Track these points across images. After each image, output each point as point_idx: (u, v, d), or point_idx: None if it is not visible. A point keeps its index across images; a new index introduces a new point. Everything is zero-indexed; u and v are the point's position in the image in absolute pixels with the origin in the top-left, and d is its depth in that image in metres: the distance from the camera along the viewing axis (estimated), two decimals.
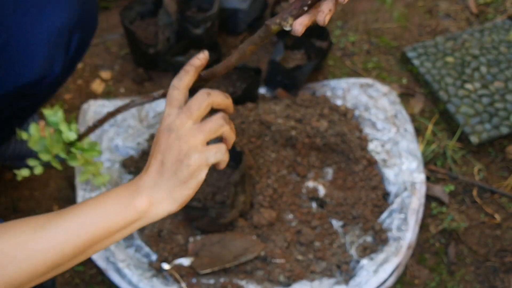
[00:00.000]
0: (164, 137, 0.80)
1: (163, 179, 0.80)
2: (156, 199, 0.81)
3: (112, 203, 0.81)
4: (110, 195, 0.82)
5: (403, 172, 1.57)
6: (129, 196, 0.80)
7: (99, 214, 0.80)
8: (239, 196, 1.39)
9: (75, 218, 0.79)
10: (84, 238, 0.79)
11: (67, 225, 0.79)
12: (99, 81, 1.78)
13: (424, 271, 1.47)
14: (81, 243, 0.79)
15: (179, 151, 0.79)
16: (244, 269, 1.41)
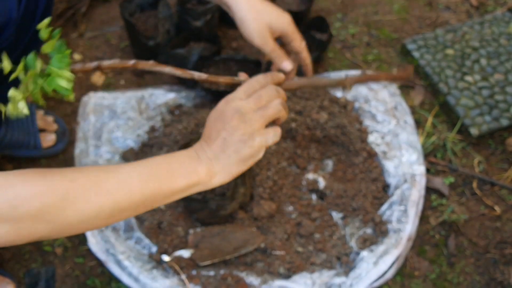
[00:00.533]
0: (231, 116, 0.91)
1: (224, 155, 0.91)
2: (215, 171, 0.92)
3: (177, 166, 0.90)
4: (172, 159, 0.90)
5: (403, 164, 1.57)
6: (192, 163, 0.90)
7: (166, 173, 0.88)
8: (239, 188, 1.39)
9: (146, 170, 0.87)
10: (152, 189, 0.86)
11: (138, 173, 0.85)
12: (99, 73, 1.77)
13: (424, 263, 1.47)
14: (148, 192, 0.86)
15: (244, 132, 0.91)
16: (244, 261, 1.41)
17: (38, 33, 1.24)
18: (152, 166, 0.88)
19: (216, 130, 0.92)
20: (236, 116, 0.91)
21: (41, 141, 1.54)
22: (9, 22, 1.12)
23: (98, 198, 0.81)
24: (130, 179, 0.84)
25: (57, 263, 1.42)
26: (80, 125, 1.59)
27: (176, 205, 1.47)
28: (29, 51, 1.26)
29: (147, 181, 0.86)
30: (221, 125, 0.91)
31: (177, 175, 0.89)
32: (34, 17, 1.21)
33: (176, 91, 1.71)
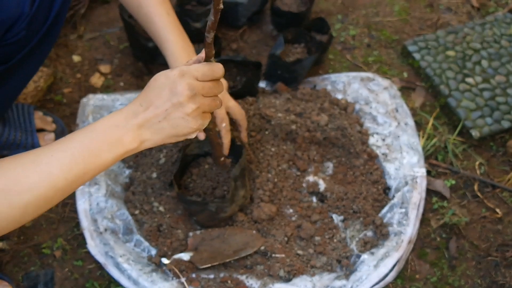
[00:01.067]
0: (182, 92, 0.87)
1: (159, 126, 0.88)
2: (143, 138, 0.89)
3: (100, 142, 0.86)
4: (94, 134, 0.86)
5: (404, 166, 1.57)
6: (117, 133, 0.87)
7: (88, 153, 0.85)
8: (239, 191, 1.38)
9: (66, 154, 0.83)
10: (76, 173, 0.84)
11: (58, 162, 0.82)
12: (98, 75, 1.77)
13: (425, 266, 1.46)
14: (72, 177, 0.83)
15: (189, 113, 0.89)
16: (244, 264, 1.41)
17: (53, 28, 1.24)
18: (72, 149, 0.84)
19: (160, 98, 0.88)
20: (187, 93, 0.87)
21: (40, 140, 1.53)
22: (21, 16, 1.12)
23: (21, 197, 0.80)
24: (51, 169, 0.82)
25: (56, 266, 1.41)
26: (79, 127, 1.58)
27: (175, 208, 1.47)
28: (42, 47, 1.26)
29: (70, 167, 0.83)
30: (168, 96, 0.87)
31: (101, 151, 0.86)
32: (50, 12, 1.21)
33: None
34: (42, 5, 1.16)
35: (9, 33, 1.13)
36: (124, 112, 0.89)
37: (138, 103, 0.89)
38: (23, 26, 1.13)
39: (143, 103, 0.89)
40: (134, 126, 0.88)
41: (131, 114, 0.88)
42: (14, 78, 1.29)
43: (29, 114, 1.53)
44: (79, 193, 1.46)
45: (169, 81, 0.88)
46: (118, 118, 0.88)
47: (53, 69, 1.74)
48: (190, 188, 1.47)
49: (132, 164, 1.55)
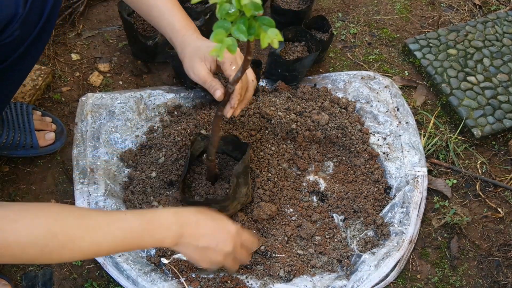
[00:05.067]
0: (224, 244, 1.11)
1: (192, 248, 1.08)
2: (180, 248, 1.07)
3: (149, 234, 1.01)
4: (150, 226, 1.01)
5: (405, 165, 1.56)
6: (165, 235, 1.03)
7: (137, 239, 0.99)
8: (241, 188, 1.37)
9: (120, 234, 0.97)
10: (118, 251, 1.06)
11: (112, 238, 0.96)
12: (97, 73, 1.76)
13: (426, 265, 1.45)
14: (113, 252, 1.08)
15: (217, 257, 1.12)
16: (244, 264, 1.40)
17: (46, 27, 1.24)
18: (127, 231, 0.98)
19: (212, 238, 1.10)
20: (229, 250, 1.12)
21: (40, 139, 1.52)
22: (15, 17, 1.12)
23: (70, 254, 0.95)
24: (103, 242, 0.96)
25: (54, 266, 1.40)
26: (78, 126, 1.57)
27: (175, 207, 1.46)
28: (35, 47, 1.26)
29: (117, 246, 0.98)
30: (217, 241, 1.10)
31: (146, 242, 1.01)
32: (42, 11, 1.21)
33: (175, 91, 1.69)
34: (34, 4, 1.16)
35: (3, 34, 1.13)
36: (181, 221, 1.05)
37: (192, 227, 1.06)
38: (17, 26, 1.13)
39: (200, 228, 1.07)
40: (180, 238, 1.04)
41: (185, 228, 1.05)
42: (9, 78, 1.29)
43: (28, 114, 1.52)
44: (78, 193, 1.45)
45: (226, 231, 1.12)
46: (173, 225, 1.04)
47: (52, 68, 1.73)
48: (192, 187, 1.46)
49: (131, 163, 1.54)
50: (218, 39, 0.78)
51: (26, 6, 1.14)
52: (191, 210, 1.09)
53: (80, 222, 0.94)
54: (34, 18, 1.19)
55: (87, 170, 1.49)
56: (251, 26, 0.80)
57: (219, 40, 0.78)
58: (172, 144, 1.53)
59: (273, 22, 0.80)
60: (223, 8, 0.78)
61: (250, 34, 0.80)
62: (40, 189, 1.51)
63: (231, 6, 0.78)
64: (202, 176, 1.47)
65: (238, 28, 0.79)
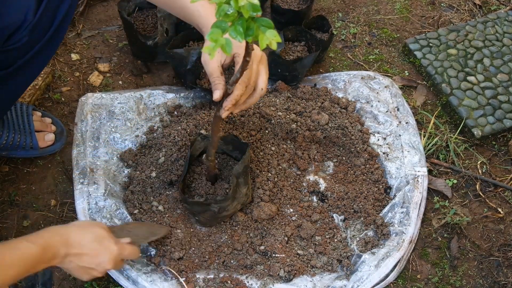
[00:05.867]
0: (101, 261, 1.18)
1: (77, 265, 1.16)
2: (64, 266, 1.16)
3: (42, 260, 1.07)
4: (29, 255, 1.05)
5: (405, 165, 1.56)
6: (50, 262, 1.09)
7: (34, 265, 1.06)
8: (241, 188, 1.37)
9: (17, 265, 1.03)
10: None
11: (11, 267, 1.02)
12: (97, 73, 1.75)
13: (426, 265, 1.45)
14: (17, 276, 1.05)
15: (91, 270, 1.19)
16: (244, 264, 1.40)
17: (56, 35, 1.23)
18: (28, 260, 1.04)
19: (92, 256, 1.17)
20: (107, 267, 1.20)
21: (40, 140, 1.52)
22: (24, 23, 1.11)
23: None
24: (9, 273, 1.02)
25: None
26: (77, 126, 1.57)
27: (175, 207, 1.46)
28: (43, 54, 1.25)
29: (19, 273, 1.04)
30: (96, 260, 1.18)
31: (40, 267, 1.08)
32: (53, 20, 1.21)
33: (175, 91, 1.69)
34: (46, 12, 1.16)
35: (11, 40, 1.12)
36: (67, 243, 1.12)
37: (79, 246, 1.14)
38: (26, 33, 1.13)
39: (84, 249, 1.15)
40: (65, 258, 1.12)
41: (70, 249, 1.12)
42: (15, 82, 1.28)
43: (28, 115, 1.52)
44: (77, 193, 1.45)
45: (109, 252, 1.19)
46: (61, 244, 1.12)
47: (52, 68, 1.73)
48: (192, 187, 1.46)
49: (131, 163, 1.54)
50: (213, 38, 0.78)
51: (37, 14, 1.13)
52: (76, 231, 1.17)
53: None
54: (44, 26, 1.19)
55: (87, 170, 1.48)
56: (249, 27, 0.79)
57: (214, 39, 0.78)
58: (172, 144, 1.53)
59: (272, 24, 0.80)
60: (222, 9, 0.78)
61: (249, 36, 0.80)
62: (40, 189, 1.51)
63: (230, 7, 0.78)
64: (202, 176, 1.47)
65: (235, 29, 0.79)
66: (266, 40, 0.78)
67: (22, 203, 1.49)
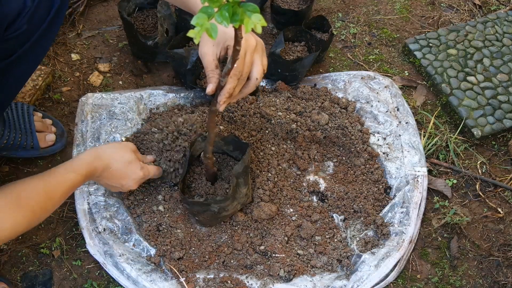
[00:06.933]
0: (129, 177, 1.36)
1: (105, 183, 1.36)
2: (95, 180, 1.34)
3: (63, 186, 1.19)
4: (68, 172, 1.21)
5: (405, 165, 1.56)
6: (84, 177, 1.23)
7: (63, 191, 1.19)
8: (241, 188, 1.37)
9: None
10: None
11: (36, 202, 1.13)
12: (97, 73, 1.75)
13: (426, 265, 1.45)
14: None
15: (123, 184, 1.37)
16: (244, 264, 1.40)
17: (54, 23, 1.24)
18: (69, 186, 1.20)
19: (118, 178, 1.34)
20: (131, 188, 1.38)
21: (40, 140, 1.52)
22: (23, 10, 1.12)
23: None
24: (58, 197, 1.18)
25: (54, 266, 1.40)
26: (78, 126, 1.57)
27: (175, 208, 1.46)
28: (41, 43, 1.25)
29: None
30: (121, 180, 1.34)
31: (77, 185, 1.24)
32: (51, 7, 1.21)
33: (175, 91, 1.69)
34: (43, 0, 1.16)
35: (11, 28, 1.12)
36: (87, 167, 1.25)
37: (108, 168, 1.30)
38: (24, 21, 1.13)
39: (112, 172, 1.31)
40: (95, 176, 1.28)
41: (94, 171, 1.26)
42: (15, 73, 1.28)
43: (29, 115, 1.52)
44: (78, 193, 1.45)
45: (134, 176, 1.35)
46: (97, 170, 1.28)
47: (52, 68, 1.73)
48: (192, 187, 1.46)
49: None
50: (198, 22, 0.78)
51: (35, 1, 1.14)
52: (112, 155, 1.32)
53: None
54: (42, 13, 1.19)
55: None
56: (235, 12, 0.79)
57: (199, 24, 0.78)
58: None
59: (258, 9, 0.79)
60: None
61: (235, 21, 0.80)
62: None
63: None
64: (202, 176, 1.47)
65: (221, 14, 0.79)
66: (251, 24, 0.78)
67: None
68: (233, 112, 1.60)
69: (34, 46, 1.23)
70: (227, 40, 1.24)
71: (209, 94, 1.22)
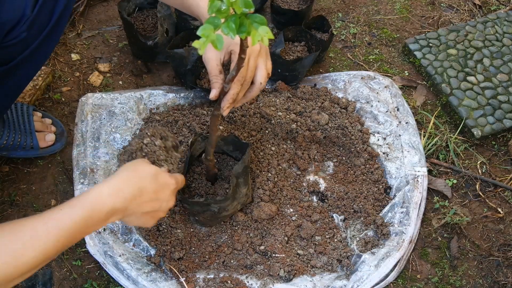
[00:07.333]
0: (160, 204, 1.10)
1: (139, 214, 1.06)
2: (124, 221, 1.07)
3: (94, 222, 0.96)
4: (91, 216, 0.95)
5: (405, 165, 1.56)
6: (108, 217, 0.98)
7: (80, 231, 0.94)
8: (241, 188, 1.37)
9: (63, 233, 0.92)
10: (65, 246, 0.93)
11: (55, 240, 0.90)
12: (97, 73, 1.75)
13: (426, 265, 1.45)
14: (61, 249, 0.93)
15: (154, 213, 1.11)
16: (244, 264, 1.40)
17: (55, 30, 1.23)
18: (70, 229, 0.92)
19: (153, 200, 1.07)
20: (170, 204, 1.13)
21: (40, 140, 1.52)
22: (22, 18, 1.11)
23: (17, 270, 0.87)
24: (47, 247, 0.90)
25: (54, 266, 1.40)
26: (78, 126, 1.57)
27: (174, 207, 1.46)
28: (42, 50, 1.25)
29: (63, 244, 0.92)
30: (158, 202, 1.09)
31: (91, 229, 0.97)
32: (52, 14, 1.20)
33: (175, 91, 1.69)
34: (44, 7, 1.15)
35: (10, 35, 1.12)
36: (123, 197, 1.00)
37: (139, 194, 1.03)
38: (24, 28, 1.12)
39: (144, 196, 1.04)
40: (125, 212, 1.02)
41: (128, 202, 1.01)
42: (14, 79, 1.28)
43: (29, 115, 1.52)
44: (78, 193, 1.45)
45: (168, 189, 1.11)
46: (114, 202, 0.99)
47: (52, 68, 1.73)
48: (192, 187, 1.46)
49: None
50: (204, 33, 0.78)
51: (35, 9, 1.13)
52: (128, 178, 1.03)
53: (16, 237, 0.88)
54: (43, 21, 1.18)
55: (87, 170, 1.49)
56: (242, 23, 0.79)
57: (204, 35, 0.78)
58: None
59: (265, 20, 0.79)
60: (214, 5, 0.78)
61: (242, 32, 0.79)
62: (40, 189, 1.51)
63: (222, 4, 0.78)
64: (202, 176, 1.47)
65: (227, 25, 0.78)
66: (258, 37, 0.78)
67: (22, 203, 1.49)
68: (233, 112, 1.60)
69: (34, 52, 1.23)
70: (230, 45, 1.24)
71: (213, 99, 1.22)
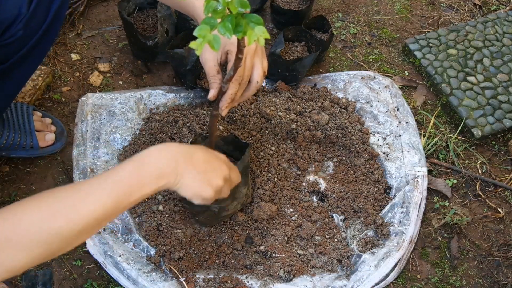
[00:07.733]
0: (218, 175, 1.09)
1: (193, 174, 1.04)
2: (180, 182, 1.02)
3: (148, 174, 0.96)
4: (145, 167, 0.96)
5: (405, 165, 1.56)
6: (165, 169, 0.98)
7: (136, 184, 0.94)
8: (240, 188, 1.37)
9: (117, 186, 0.92)
10: (122, 201, 0.93)
11: (109, 193, 0.91)
12: (97, 73, 1.75)
13: (426, 265, 1.45)
14: (119, 206, 0.93)
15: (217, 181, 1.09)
16: (244, 264, 1.40)
17: (52, 28, 1.23)
18: (124, 179, 0.94)
19: (205, 161, 1.07)
20: (224, 172, 1.11)
21: (40, 140, 1.52)
22: (18, 17, 1.11)
23: (78, 225, 0.88)
24: (104, 198, 0.90)
25: (54, 266, 1.40)
26: (78, 126, 1.57)
27: (174, 208, 1.46)
28: (39, 48, 1.25)
29: (119, 198, 0.92)
30: (210, 164, 1.08)
31: (146, 185, 0.96)
32: (48, 12, 1.20)
33: (175, 91, 1.69)
34: (40, 5, 1.15)
35: (5, 35, 1.12)
36: (174, 153, 1.01)
37: (188, 154, 1.04)
38: (20, 26, 1.12)
39: (194, 156, 1.04)
40: (178, 168, 1.01)
41: (179, 157, 1.02)
42: (12, 77, 1.28)
43: (28, 115, 1.52)
44: None
45: (218, 158, 1.13)
46: (165, 157, 1.00)
47: (52, 68, 1.73)
48: None
49: None
50: (201, 34, 0.78)
51: (31, 7, 1.13)
52: (178, 144, 1.06)
53: (73, 191, 0.91)
54: (38, 19, 1.18)
55: (87, 170, 1.49)
56: (239, 23, 0.79)
57: (201, 35, 0.78)
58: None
59: (261, 20, 0.79)
60: (210, 5, 0.78)
61: (238, 32, 0.79)
62: (40, 189, 1.51)
63: (218, 4, 0.78)
64: None
65: (224, 25, 0.78)
66: (254, 37, 0.78)
67: None
68: (233, 112, 1.60)
69: (31, 51, 1.23)
70: (227, 45, 1.24)
71: (211, 100, 1.23)
